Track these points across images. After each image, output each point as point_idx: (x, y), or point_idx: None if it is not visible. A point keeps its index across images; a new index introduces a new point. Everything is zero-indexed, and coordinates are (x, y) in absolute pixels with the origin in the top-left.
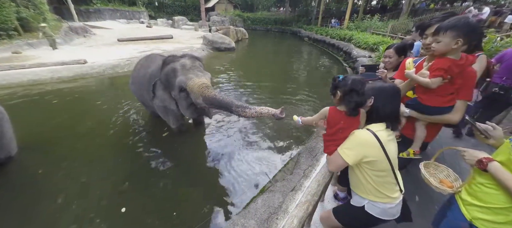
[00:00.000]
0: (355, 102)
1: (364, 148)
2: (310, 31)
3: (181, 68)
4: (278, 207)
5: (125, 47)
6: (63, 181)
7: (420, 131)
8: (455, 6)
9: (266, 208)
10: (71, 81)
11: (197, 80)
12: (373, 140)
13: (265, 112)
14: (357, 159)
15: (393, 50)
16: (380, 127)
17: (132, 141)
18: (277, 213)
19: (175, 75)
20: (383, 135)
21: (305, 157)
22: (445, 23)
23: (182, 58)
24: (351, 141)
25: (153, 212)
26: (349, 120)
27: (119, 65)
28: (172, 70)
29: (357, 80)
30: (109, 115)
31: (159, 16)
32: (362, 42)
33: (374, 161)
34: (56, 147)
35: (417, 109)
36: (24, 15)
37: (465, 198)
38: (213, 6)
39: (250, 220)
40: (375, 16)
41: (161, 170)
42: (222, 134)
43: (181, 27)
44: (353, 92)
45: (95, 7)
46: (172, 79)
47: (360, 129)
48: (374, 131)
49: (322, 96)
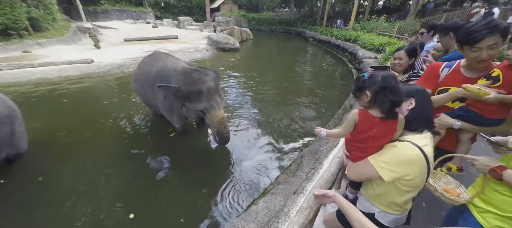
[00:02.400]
0: (390, 101)
1: (408, 167)
2: (315, 32)
3: (206, 93)
4: (279, 210)
5: (131, 47)
6: (70, 183)
7: (466, 145)
8: (464, 6)
9: (267, 211)
10: (78, 81)
11: (219, 113)
12: (420, 158)
13: None
14: (396, 177)
15: (404, 52)
16: (425, 139)
17: (137, 142)
18: (278, 216)
19: (200, 99)
20: (429, 150)
21: (308, 159)
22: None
23: (207, 76)
24: (392, 156)
25: (159, 217)
26: (383, 126)
27: (124, 65)
28: (198, 92)
29: (388, 76)
30: (115, 114)
31: (165, 17)
32: (368, 43)
33: (412, 179)
34: (63, 148)
35: (475, 122)
36: (34, 15)
37: (479, 205)
38: (218, 6)
39: (250, 223)
40: (382, 17)
41: (165, 173)
42: None
43: (186, 28)
44: (386, 90)
45: (103, 7)
46: (195, 99)
47: (401, 141)
48: (420, 146)
49: (326, 98)
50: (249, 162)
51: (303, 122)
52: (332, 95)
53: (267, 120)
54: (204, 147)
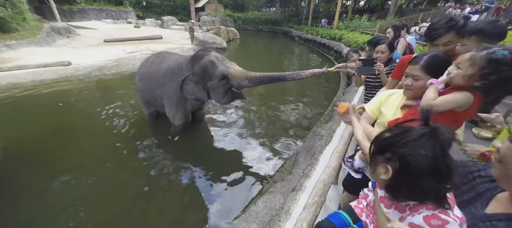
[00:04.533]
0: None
1: None
2: (301, 31)
3: (217, 60)
4: (279, 208)
5: (112, 48)
6: (49, 198)
7: None
8: (438, 6)
9: (267, 210)
10: (54, 84)
11: (237, 67)
12: None
13: (315, 72)
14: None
15: (385, 46)
16: None
17: (126, 147)
18: (279, 215)
19: (215, 66)
20: None
21: (303, 156)
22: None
23: (210, 52)
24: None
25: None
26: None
27: (106, 67)
28: (210, 63)
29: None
30: (99, 119)
31: (148, 16)
32: (352, 41)
33: None
34: (41, 159)
35: None
36: (1, 15)
37: None
38: (203, 6)
39: (251, 224)
40: (364, 16)
41: (157, 175)
42: (220, 136)
43: (170, 28)
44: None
45: (79, 6)
46: (211, 70)
47: None
48: None
49: (315, 95)
50: (244, 161)
51: (294, 119)
52: (320, 92)
53: (258, 119)
54: (194, 149)
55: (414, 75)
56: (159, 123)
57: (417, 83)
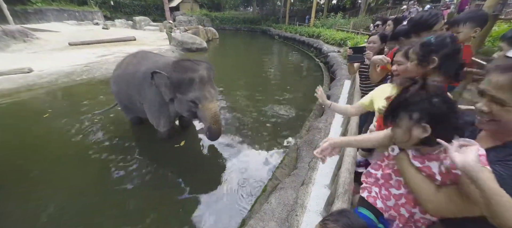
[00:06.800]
0: (460, 64)
1: None
2: (280, 29)
3: (199, 81)
4: (294, 203)
5: (80, 52)
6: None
7: None
8: (403, 3)
9: (282, 207)
10: (14, 94)
11: (212, 105)
12: None
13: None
14: None
15: (377, 37)
16: None
17: (114, 157)
18: (295, 209)
19: (192, 88)
20: None
21: (305, 150)
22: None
23: (199, 66)
24: None
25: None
26: None
27: (75, 72)
28: (189, 81)
29: (454, 37)
30: (73, 133)
31: (117, 17)
32: (330, 38)
33: None
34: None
35: None
36: None
37: None
38: (177, 5)
39: (269, 222)
40: (339, 14)
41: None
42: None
43: (144, 28)
44: (457, 53)
45: (35, 7)
46: (186, 88)
47: None
48: None
49: (300, 90)
50: (246, 160)
51: (281, 115)
52: (305, 88)
53: (249, 118)
54: (189, 152)
55: (398, 61)
56: (144, 128)
57: (400, 67)
